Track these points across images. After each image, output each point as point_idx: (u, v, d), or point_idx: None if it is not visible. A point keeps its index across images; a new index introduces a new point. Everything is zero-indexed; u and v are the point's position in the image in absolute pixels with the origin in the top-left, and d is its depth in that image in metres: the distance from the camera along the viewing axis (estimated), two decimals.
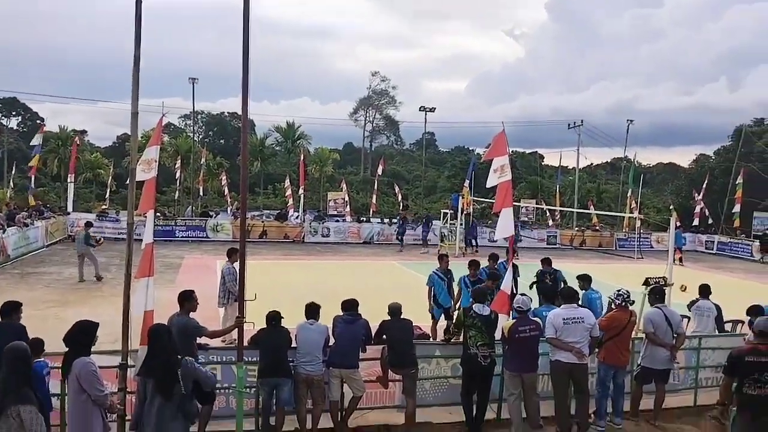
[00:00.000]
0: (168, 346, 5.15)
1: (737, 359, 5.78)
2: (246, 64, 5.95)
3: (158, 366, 5.03)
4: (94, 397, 4.96)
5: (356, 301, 7.35)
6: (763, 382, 5.58)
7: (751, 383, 5.61)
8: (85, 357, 5.04)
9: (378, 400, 7.61)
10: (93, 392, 4.94)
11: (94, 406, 5.01)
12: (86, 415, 4.99)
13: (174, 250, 23.19)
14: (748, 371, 5.63)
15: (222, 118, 74.39)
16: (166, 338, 5.20)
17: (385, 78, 72.39)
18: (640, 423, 7.71)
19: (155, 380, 4.99)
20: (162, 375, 5.00)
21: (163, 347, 5.11)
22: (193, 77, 37.09)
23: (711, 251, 31.64)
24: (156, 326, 5.39)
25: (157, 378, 4.99)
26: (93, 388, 4.94)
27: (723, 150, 47.68)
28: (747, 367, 5.65)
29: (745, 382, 5.65)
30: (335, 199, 36.03)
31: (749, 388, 5.63)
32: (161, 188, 46.50)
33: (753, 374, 5.60)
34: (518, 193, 44.24)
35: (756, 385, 5.59)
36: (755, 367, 5.61)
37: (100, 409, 5.08)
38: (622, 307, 7.58)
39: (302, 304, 7.25)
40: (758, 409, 5.62)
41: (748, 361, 5.66)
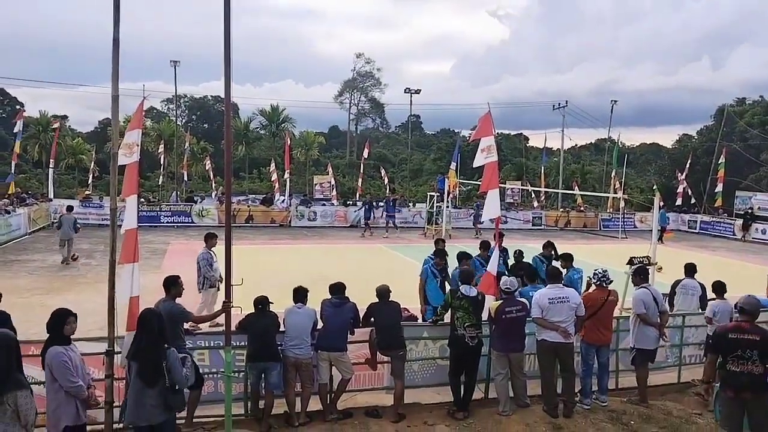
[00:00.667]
0: (155, 332, 5.12)
1: (721, 336, 5.88)
2: (228, 46, 5.86)
3: (143, 352, 5.01)
4: (66, 387, 4.91)
5: (344, 285, 7.36)
6: (745, 358, 5.68)
7: (734, 360, 5.72)
8: (58, 346, 4.98)
9: (366, 382, 7.65)
10: (64, 383, 4.89)
11: (67, 396, 4.95)
12: (59, 403, 4.94)
13: (159, 236, 23.05)
14: (732, 348, 5.73)
15: (205, 102, 73.48)
16: (155, 325, 5.16)
17: (369, 60, 71.57)
18: (625, 400, 7.81)
19: (138, 365, 4.98)
20: (145, 362, 4.98)
21: (150, 333, 5.08)
22: (175, 60, 36.55)
23: (694, 230, 32.04)
24: (146, 312, 5.37)
25: (140, 363, 4.97)
26: (63, 379, 4.89)
27: (705, 130, 48.02)
28: (730, 344, 5.75)
29: (728, 359, 5.75)
30: (321, 183, 35.92)
31: (733, 365, 5.73)
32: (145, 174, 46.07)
33: (736, 351, 5.70)
34: (504, 175, 44.46)
35: (739, 361, 5.69)
36: (738, 344, 5.71)
37: (75, 400, 5.01)
38: (599, 287, 7.65)
39: (289, 289, 7.24)
40: (741, 386, 5.72)
41: (731, 338, 5.76)
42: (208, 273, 10.41)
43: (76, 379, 4.98)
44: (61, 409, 4.94)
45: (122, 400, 5.35)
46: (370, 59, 71.70)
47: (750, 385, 5.70)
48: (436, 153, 62.35)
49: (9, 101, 66.69)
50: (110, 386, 5.82)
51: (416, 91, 40.37)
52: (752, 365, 5.68)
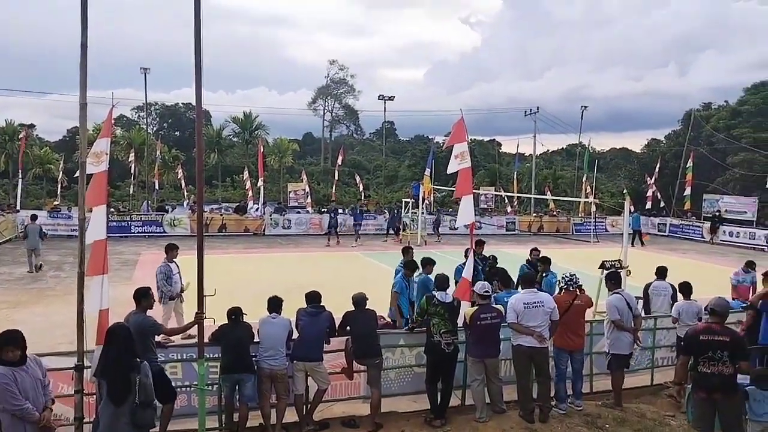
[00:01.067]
0: (122, 348, 4.94)
1: (692, 338, 5.95)
2: (198, 52, 5.78)
3: (111, 367, 4.86)
4: (11, 411, 4.69)
5: (319, 294, 7.29)
6: (716, 359, 5.76)
7: (706, 361, 5.79)
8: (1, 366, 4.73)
9: (343, 392, 7.58)
10: (8, 407, 4.67)
11: (14, 419, 4.72)
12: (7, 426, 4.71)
13: (130, 246, 22.65)
14: (703, 350, 5.80)
15: (176, 110, 72.65)
16: (122, 339, 4.99)
17: (343, 66, 71.74)
18: (599, 404, 7.88)
19: (107, 383, 4.82)
20: (114, 377, 4.82)
21: (117, 349, 4.92)
22: (145, 67, 36.06)
23: (663, 233, 32.65)
24: (114, 326, 5.20)
25: (108, 380, 4.83)
26: (6, 403, 4.67)
27: (673, 134, 48.98)
28: (701, 346, 5.82)
29: (699, 361, 5.82)
30: (296, 191, 35.76)
31: (704, 366, 5.80)
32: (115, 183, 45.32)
33: (707, 352, 5.78)
34: (477, 181, 44.71)
35: (710, 363, 5.77)
36: (709, 345, 5.79)
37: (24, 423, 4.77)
38: (566, 290, 7.71)
39: (264, 298, 7.15)
40: (712, 387, 5.79)
41: (702, 339, 5.84)
42: (165, 287, 10.17)
43: (20, 401, 4.73)
44: None
45: (93, 416, 5.17)
46: (343, 66, 71.92)
47: (721, 386, 5.79)
48: (410, 159, 62.64)
49: None
50: (80, 402, 5.67)
51: (390, 98, 40.52)
52: (723, 366, 5.76)
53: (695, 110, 45.79)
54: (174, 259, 10.59)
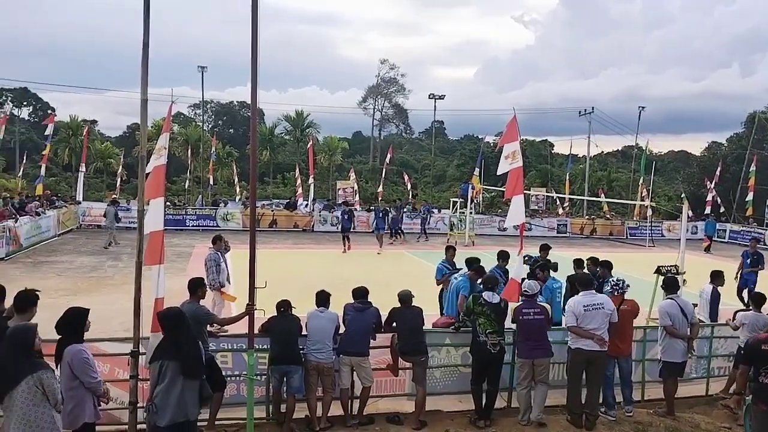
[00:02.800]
0: (190, 328, 5.25)
1: (754, 348, 5.74)
2: (255, 52, 5.90)
3: (184, 348, 5.04)
4: (87, 384, 5.00)
5: (366, 289, 7.35)
6: None
7: (767, 372, 5.55)
8: (77, 344, 5.05)
9: (388, 388, 7.60)
10: (86, 379, 4.98)
11: (86, 392, 5.03)
12: (78, 401, 5.01)
13: (185, 239, 23.33)
14: (765, 360, 5.57)
15: (231, 108, 74.40)
16: (187, 320, 5.30)
17: (393, 66, 71.83)
18: (651, 412, 7.66)
19: (181, 363, 4.98)
20: (191, 355, 5.04)
21: (188, 328, 5.20)
22: (202, 66, 37.09)
23: (723, 240, 31.37)
24: (176, 310, 5.45)
25: (182, 360, 5.00)
26: (86, 375, 4.97)
27: (735, 137, 47.11)
28: (763, 356, 5.59)
29: (761, 371, 5.60)
30: (344, 188, 36.03)
31: (765, 377, 5.57)
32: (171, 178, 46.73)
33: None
34: (528, 182, 44.06)
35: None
36: None
37: (93, 395, 5.11)
38: (612, 295, 7.50)
39: (311, 293, 7.25)
40: None
41: (764, 349, 5.61)
42: (213, 275, 10.41)
43: (97, 374, 5.10)
44: (79, 407, 5.02)
45: (145, 401, 5.35)
46: (394, 65, 72.02)
47: None
48: (459, 159, 62.19)
49: (41, 106, 68.30)
50: (134, 387, 5.87)
51: (440, 97, 40.41)
52: None
53: (759, 112, 43.85)
54: (220, 249, 10.83)
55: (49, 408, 4.34)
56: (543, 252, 11.25)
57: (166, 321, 5.24)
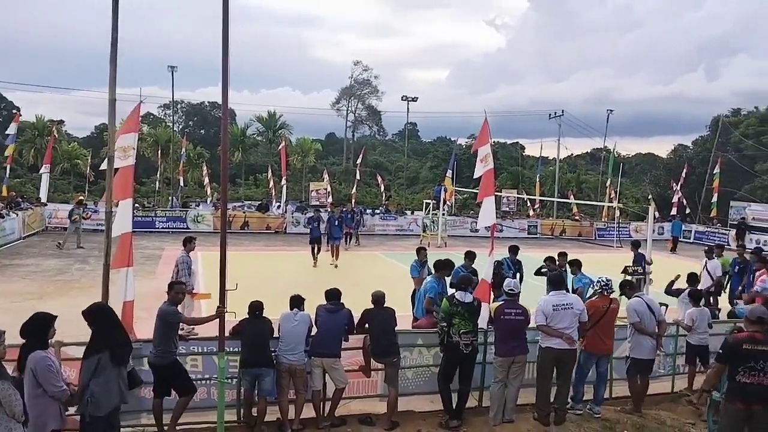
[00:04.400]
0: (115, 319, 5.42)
1: (734, 347, 5.73)
2: (226, 52, 5.87)
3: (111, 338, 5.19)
4: (50, 393, 4.85)
5: (339, 291, 7.34)
6: (758, 370, 5.57)
7: (746, 371, 5.59)
8: (41, 351, 4.89)
9: (360, 390, 7.62)
10: (49, 388, 4.82)
11: (51, 400, 4.89)
12: (43, 408, 4.86)
13: (154, 241, 22.97)
14: (745, 359, 5.61)
15: (202, 108, 73.44)
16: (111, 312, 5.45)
17: (367, 67, 71.55)
18: (618, 409, 7.81)
19: (110, 351, 5.10)
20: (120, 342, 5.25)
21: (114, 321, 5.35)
22: (173, 65, 36.61)
23: (688, 240, 32.10)
24: (100, 305, 5.58)
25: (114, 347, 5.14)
26: (48, 384, 4.82)
27: (700, 140, 48.29)
28: (744, 355, 5.62)
29: (739, 370, 5.62)
30: (317, 190, 35.91)
31: (743, 376, 5.60)
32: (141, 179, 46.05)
33: (749, 362, 5.58)
34: (500, 183, 44.54)
35: (751, 373, 5.57)
36: (752, 355, 5.59)
37: (59, 403, 4.97)
38: (602, 295, 7.65)
39: (285, 295, 7.24)
40: (752, 398, 5.61)
41: (745, 348, 5.63)
42: (186, 277, 10.23)
43: (60, 383, 4.93)
44: (45, 415, 4.89)
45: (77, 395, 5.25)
46: (367, 67, 71.86)
47: (761, 398, 5.62)
48: (432, 161, 62.55)
49: (5, 105, 66.53)
50: None
51: (413, 99, 40.50)
52: (764, 377, 5.58)
53: (724, 116, 45.06)
54: (191, 251, 10.72)
55: (6, 420, 4.22)
56: (512, 253, 11.47)
57: (90, 316, 5.30)
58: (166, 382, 6.47)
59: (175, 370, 6.50)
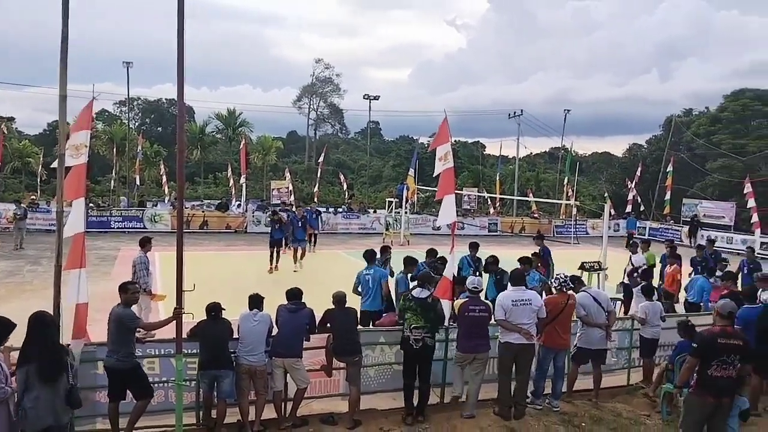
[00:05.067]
0: (52, 332, 5.10)
1: (709, 341, 5.81)
2: (181, 48, 5.76)
3: (40, 352, 4.92)
4: None
5: (300, 290, 7.29)
6: (728, 363, 5.72)
7: (719, 365, 5.71)
8: None
9: (322, 389, 7.58)
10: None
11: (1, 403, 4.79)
12: None
13: (109, 242, 22.42)
14: (718, 353, 5.72)
15: (159, 105, 71.95)
16: (50, 324, 5.13)
17: (329, 65, 71.49)
18: (577, 403, 7.97)
19: (38, 367, 4.86)
20: (49, 359, 4.92)
21: (45, 333, 5.03)
22: (128, 61, 35.70)
23: (643, 236, 32.95)
24: (39, 313, 5.25)
25: (42, 363, 4.87)
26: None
27: (654, 139, 49.65)
28: (718, 350, 5.73)
29: (713, 364, 5.73)
30: (279, 189, 35.60)
31: (716, 370, 5.71)
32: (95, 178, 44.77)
33: (722, 356, 5.71)
34: (461, 182, 44.93)
35: (722, 366, 5.71)
36: (725, 349, 5.72)
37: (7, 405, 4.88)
38: (560, 291, 7.80)
39: (244, 295, 7.13)
40: (722, 391, 5.76)
41: (720, 343, 5.74)
42: (144, 278, 10.03)
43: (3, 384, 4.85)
44: None
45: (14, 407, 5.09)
46: (329, 65, 71.70)
47: (729, 391, 5.79)
48: (395, 159, 62.65)
49: None
50: None
51: (375, 98, 40.45)
52: (733, 370, 5.74)
53: (676, 116, 46.46)
54: (148, 252, 10.47)
55: None
56: (472, 250, 11.60)
57: (28, 324, 5.10)
58: (122, 386, 6.32)
59: (136, 375, 6.35)
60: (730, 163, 37.85)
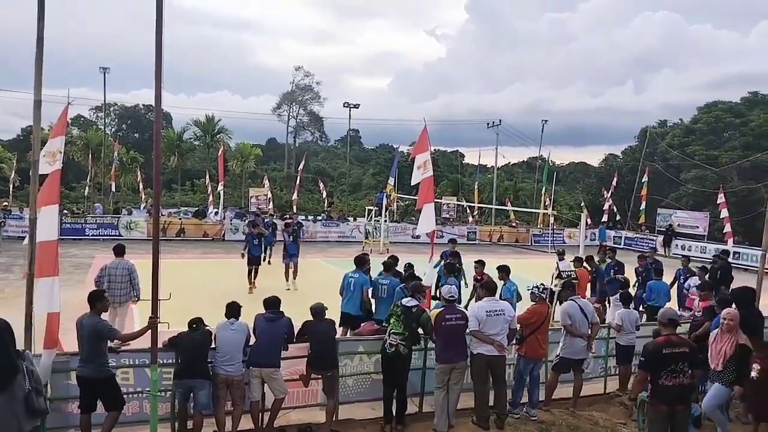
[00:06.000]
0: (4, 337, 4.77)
1: (655, 353, 5.86)
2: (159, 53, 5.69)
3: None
4: None
5: (278, 299, 7.22)
6: (677, 371, 5.75)
7: (668, 374, 5.75)
8: None
9: (300, 399, 7.48)
10: None
11: None
12: None
13: (84, 249, 22.05)
14: (666, 363, 5.77)
15: (136, 111, 71.18)
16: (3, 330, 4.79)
17: (309, 73, 71.59)
18: (554, 412, 8.01)
19: None
20: None
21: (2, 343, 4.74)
22: (105, 67, 35.32)
23: (619, 246, 33.40)
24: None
25: None
26: None
27: (629, 150, 50.43)
28: (665, 360, 5.78)
29: (662, 374, 5.78)
30: (257, 196, 35.40)
31: (666, 380, 5.76)
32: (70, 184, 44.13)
33: (670, 365, 5.75)
34: (440, 191, 45.10)
35: (672, 375, 5.74)
36: (672, 358, 5.77)
37: None
38: (541, 301, 7.84)
39: (222, 304, 7.04)
40: (675, 399, 5.80)
41: (665, 353, 5.78)
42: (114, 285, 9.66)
43: None
44: None
45: None
46: (309, 72, 71.75)
47: (682, 398, 5.83)
48: (374, 167, 62.78)
49: None
50: None
51: (355, 106, 40.55)
52: (684, 378, 5.78)
53: (651, 127, 47.24)
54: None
55: None
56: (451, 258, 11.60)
57: None
58: (94, 397, 6.18)
59: (109, 385, 6.22)
60: (703, 174, 38.53)
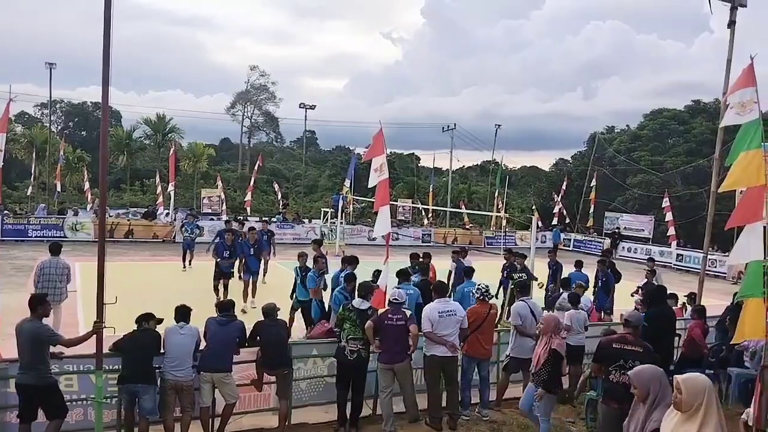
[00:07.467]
0: None
1: (605, 347, 6.05)
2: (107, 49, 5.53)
3: None
4: None
5: (232, 302, 7.13)
6: (627, 368, 5.77)
7: (617, 370, 5.88)
8: None
9: (252, 404, 7.38)
10: None
11: None
12: None
13: (26, 251, 21.15)
14: (615, 358, 5.91)
15: (84, 108, 68.83)
16: None
17: (264, 73, 70.66)
18: (506, 411, 8.13)
19: None
20: None
21: None
22: (51, 62, 34.05)
23: (568, 248, 34.29)
24: None
25: None
26: None
27: (579, 155, 51.74)
28: (613, 354, 5.92)
29: (611, 370, 5.92)
30: (210, 197, 34.75)
31: (615, 375, 5.89)
32: (13, 183, 42.34)
33: (618, 361, 5.88)
34: (396, 193, 45.32)
35: (621, 372, 5.85)
36: (621, 354, 5.90)
37: None
38: (482, 301, 7.96)
39: (172, 308, 6.87)
40: (624, 397, 5.81)
41: (615, 348, 5.94)
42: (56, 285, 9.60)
43: None
44: None
45: None
46: (264, 72, 70.89)
47: (630, 396, 6.01)
48: (331, 169, 62.53)
49: None
50: None
51: (311, 107, 40.29)
52: None
53: (599, 133, 48.61)
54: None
55: None
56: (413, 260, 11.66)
57: None
58: (35, 405, 5.94)
59: (51, 392, 5.98)
60: (649, 179, 39.85)
